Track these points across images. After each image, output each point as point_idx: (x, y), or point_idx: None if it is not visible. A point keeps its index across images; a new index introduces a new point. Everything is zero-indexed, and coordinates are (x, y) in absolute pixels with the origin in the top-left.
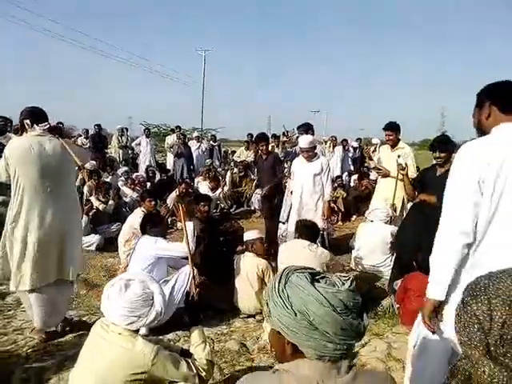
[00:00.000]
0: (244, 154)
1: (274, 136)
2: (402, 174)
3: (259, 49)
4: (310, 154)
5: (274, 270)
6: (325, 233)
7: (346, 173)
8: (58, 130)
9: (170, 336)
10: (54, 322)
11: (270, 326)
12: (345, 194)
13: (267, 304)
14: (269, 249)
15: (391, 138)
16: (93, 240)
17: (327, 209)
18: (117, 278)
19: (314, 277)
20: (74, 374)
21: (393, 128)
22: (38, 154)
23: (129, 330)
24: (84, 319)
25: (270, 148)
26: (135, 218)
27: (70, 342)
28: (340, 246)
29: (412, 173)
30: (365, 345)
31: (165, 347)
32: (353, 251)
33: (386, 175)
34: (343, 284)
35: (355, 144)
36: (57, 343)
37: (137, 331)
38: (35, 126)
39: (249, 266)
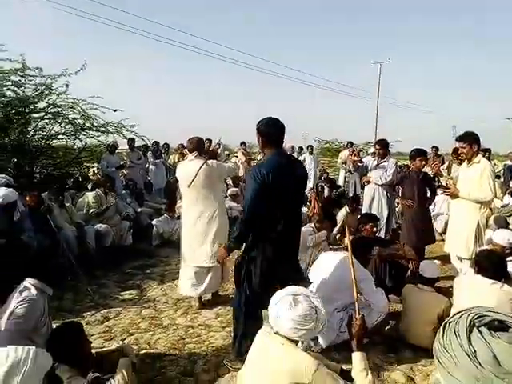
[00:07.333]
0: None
1: (455, 150)
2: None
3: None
4: None
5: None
6: None
7: None
8: (212, 153)
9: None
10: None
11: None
12: None
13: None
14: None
15: (464, 150)
16: None
17: None
18: (283, 292)
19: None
20: (242, 374)
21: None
22: (187, 174)
23: (291, 340)
24: None
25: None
26: (306, 232)
27: None
28: None
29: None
30: None
31: (324, 364)
32: None
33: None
34: None
35: None
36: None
37: (297, 343)
38: (189, 154)
39: (428, 303)
